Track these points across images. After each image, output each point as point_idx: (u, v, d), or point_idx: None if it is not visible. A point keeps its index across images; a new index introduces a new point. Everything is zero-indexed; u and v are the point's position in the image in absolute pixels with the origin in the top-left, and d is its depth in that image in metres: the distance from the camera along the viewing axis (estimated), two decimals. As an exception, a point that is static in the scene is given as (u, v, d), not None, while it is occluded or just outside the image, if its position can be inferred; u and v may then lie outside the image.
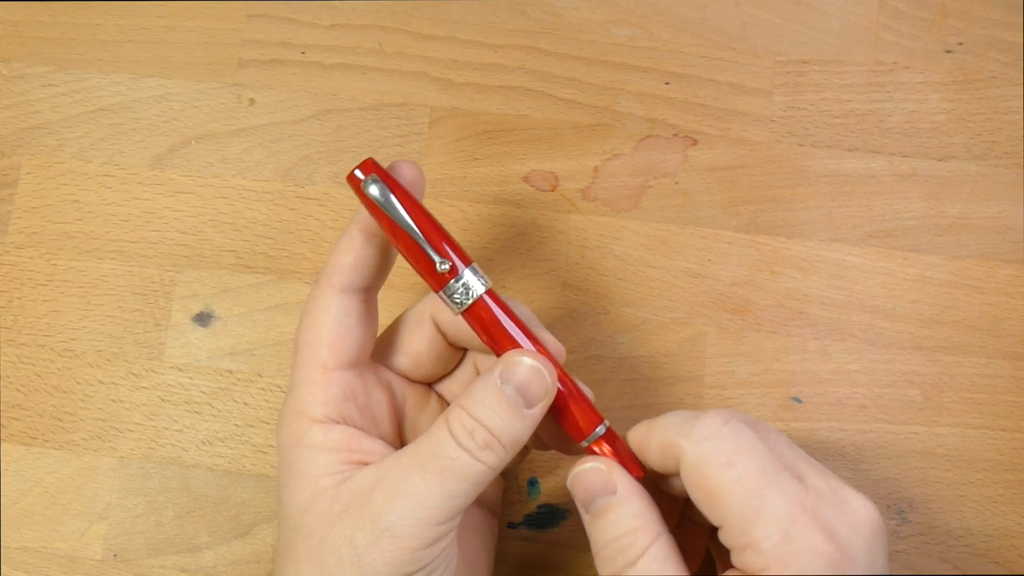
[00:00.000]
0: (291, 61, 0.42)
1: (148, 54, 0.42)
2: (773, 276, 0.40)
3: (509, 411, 0.28)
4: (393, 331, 0.33)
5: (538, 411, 0.28)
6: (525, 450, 0.34)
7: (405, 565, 0.27)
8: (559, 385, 0.29)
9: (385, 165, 0.30)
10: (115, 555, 0.38)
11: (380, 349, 0.33)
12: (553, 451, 0.33)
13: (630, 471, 0.30)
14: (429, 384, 0.34)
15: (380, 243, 0.30)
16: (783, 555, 0.26)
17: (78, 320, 0.40)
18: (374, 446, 0.29)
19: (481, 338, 0.30)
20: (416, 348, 0.32)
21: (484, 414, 0.28)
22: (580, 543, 0.38)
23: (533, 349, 0.29)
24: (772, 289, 0.40)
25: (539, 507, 0.38)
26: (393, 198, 0.29)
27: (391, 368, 0.32)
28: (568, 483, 0.30)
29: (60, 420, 0.39)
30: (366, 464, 0.29)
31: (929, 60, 0.41)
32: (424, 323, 0.32)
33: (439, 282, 0.29)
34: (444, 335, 0.32)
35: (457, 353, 0.33)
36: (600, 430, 0.30)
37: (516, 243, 0.40)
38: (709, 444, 0.27)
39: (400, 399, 0.32)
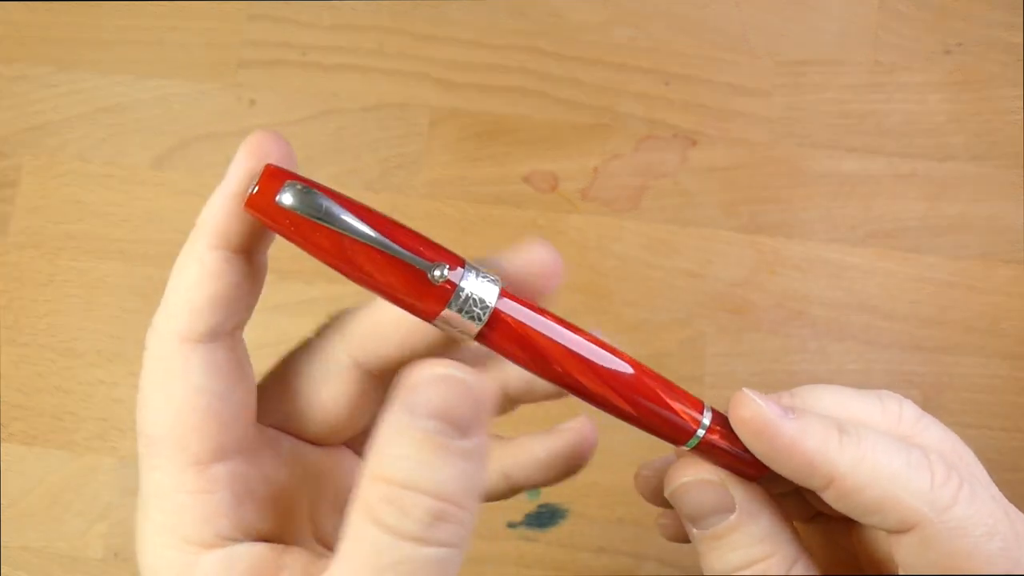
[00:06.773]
0: (292, 62, 0.42)
1: (149, 55, 0.42)
2: (773, 276, 0.40)
3: (439, 454, 0.18)
4: (288, 389, 0.23)
5: (480, 440, 0.18)
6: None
7: None
8: (644, 378, 0.21)
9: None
10: (116, 554, 0.38)
11: (270, 409, 0.23)
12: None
13: (748, 472, 0.22)
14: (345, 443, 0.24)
15: (246, 260, 0.22)
16: None
17: (79, 320, 0.40)
18: (297, 560, 0.20)
19: (515, 359, 0.20)
20: (335, 408, 0.23)
21: (407, 472, 0.18)
22: (580, 543, 0.38)
23: (605, 347, 0.20)
24: (772, 289, 0.40)
25: (539, 507, 0.38)
26: (333, 204, 0.20)
27: (292, 433, 0.23)
28: (667, 494, 0.22)
29: (61, 420, 0.39)
30: None
31: (929, 60, 0.41)
32: (342, 370, 0.23)
33: (439, 299, 0.19)
34: (377, 376, 0.23)
35: (380, 395, 0.23)
36: (706, 421, 0.21)
37: (516, 243, 0.40)
38: (961, 514, 0.21)
39: (313, 471, 0.23)
